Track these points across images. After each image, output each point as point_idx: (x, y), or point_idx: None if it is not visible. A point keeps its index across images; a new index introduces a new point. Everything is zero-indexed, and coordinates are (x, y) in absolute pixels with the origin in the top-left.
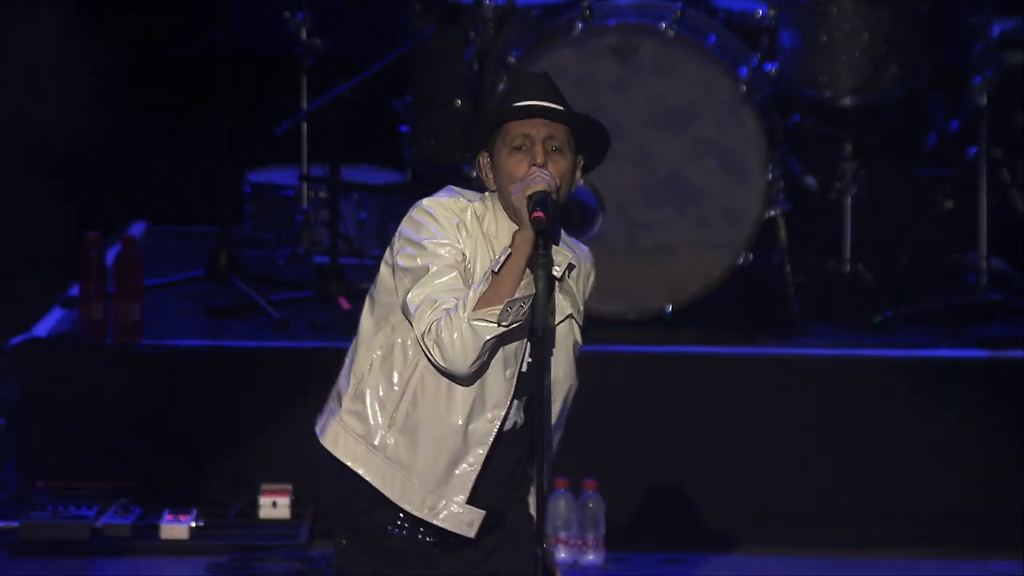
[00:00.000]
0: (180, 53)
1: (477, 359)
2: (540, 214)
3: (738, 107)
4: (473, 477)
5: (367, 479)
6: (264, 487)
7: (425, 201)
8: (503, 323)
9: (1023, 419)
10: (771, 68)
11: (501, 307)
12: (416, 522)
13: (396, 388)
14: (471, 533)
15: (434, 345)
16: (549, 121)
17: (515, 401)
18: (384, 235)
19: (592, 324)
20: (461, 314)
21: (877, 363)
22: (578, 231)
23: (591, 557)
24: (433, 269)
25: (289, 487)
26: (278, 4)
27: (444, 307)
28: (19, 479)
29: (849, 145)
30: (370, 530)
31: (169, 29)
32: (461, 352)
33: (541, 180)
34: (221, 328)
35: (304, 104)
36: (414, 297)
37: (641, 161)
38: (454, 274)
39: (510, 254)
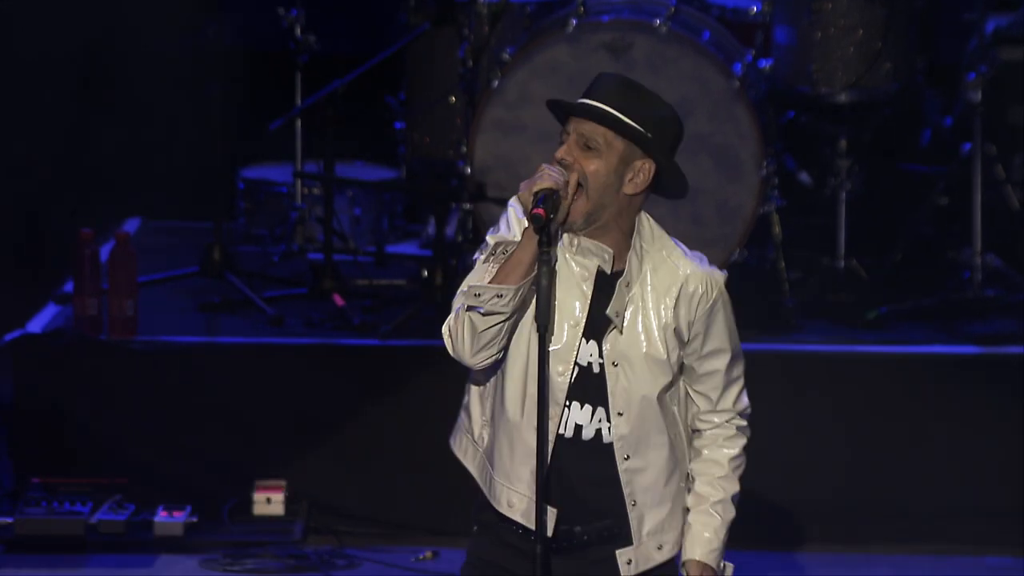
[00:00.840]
0: (174, 47)
1: (478, 349)
2: (539, 211)
3: (732, 104)
4: (520, 462)
5: (470, 471)
6: (258, 483)
7: (513, 198)
8: (480, 310)
9: (1018, 415)
10: (765, 64)
11: (484, 294)
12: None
13: (488, 385)
14: (547, 532)
15: (447, 337)
16: (589, 120)
17: (575, 403)
18: (378, 231)
19: None
20: (465, 303)
21: (871, 359)
22: None
23: None
24: (480, 259)
25: (283, 483)
26: (272, 0)
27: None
28: (13, 475)
29: (843, 141)
30: (490, 524)
31: (164, 24)
32: (460, 342)
33: (547, 177)
34: (215, 324)
35: (298, 100)
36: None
37: None
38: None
39: (516, 248)
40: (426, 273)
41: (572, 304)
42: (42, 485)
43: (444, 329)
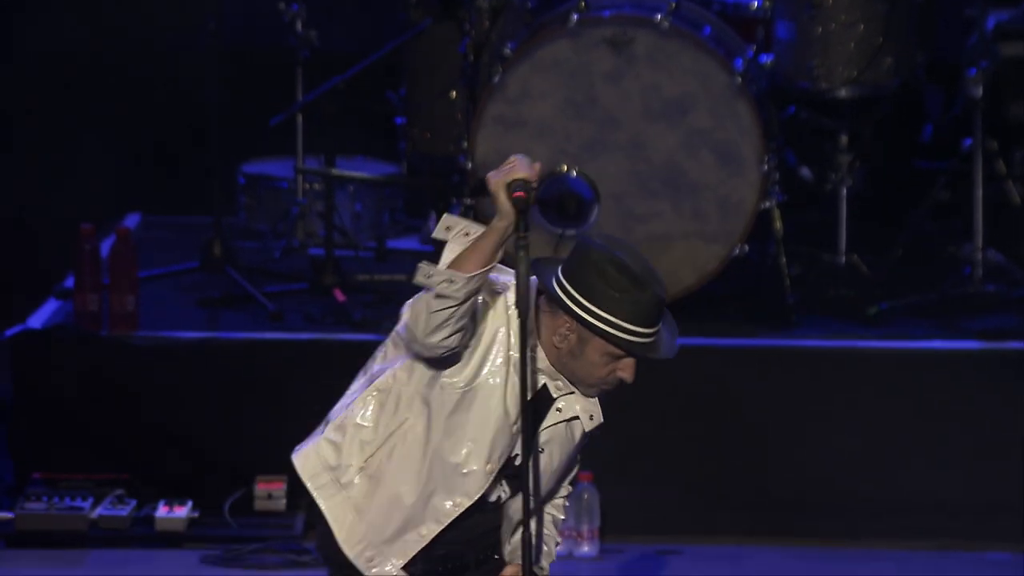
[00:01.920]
0: (174, 42)
1: (431, 330)
2: (521, 193)
3: (733, 99)
4: (418, 548)
5: (323, 511)
6: (259, 479)
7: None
8: (432, 286)
9: (1019, 411)
10: (766, 60)
11: (435, 277)
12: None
13: (379, 434)
14: None
15: (405, 315)
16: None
17: (500, 483)
18: (379, 227)
19: None
20: (425, 265)
21: (872, 355)
22: (574, 223)
23: (586, 548)
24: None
25: (284, 479)
26: None
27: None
28: (14, 470)
29: (844, 137)
30: (347, 563)
31: (163, 19)
32: (415, 321)
33: (520, 169)
34: (216, 319)
35: (299, 96)
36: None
37: (636, 153)
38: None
39: (481, 235)
40: None
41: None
42: (43, 480)
43: (404, 308)
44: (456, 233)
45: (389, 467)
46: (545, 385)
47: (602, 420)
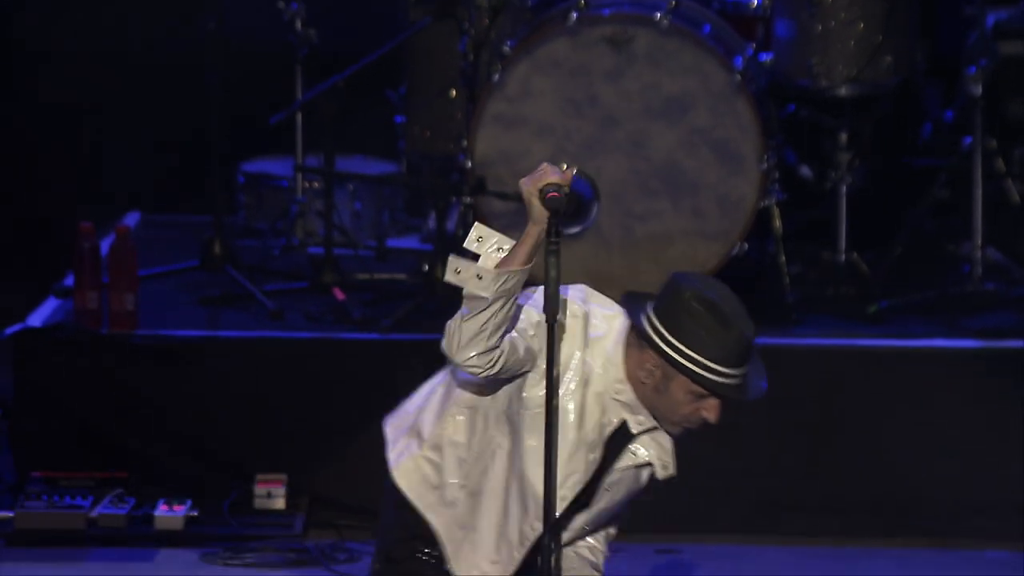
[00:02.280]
0: (174, 40)
1: (464, 343)
2: (555, 194)
3: (733, 97)
4: (508, 572)
5: (435, 528)
6: (259, 477)
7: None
8: (462, 283)
9: (1018, 410)
10: (766, 58)
11: (464, 272)
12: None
13: (473, 451)
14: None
15: (445, 335)
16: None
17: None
18: (378, 225)
19: None
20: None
21: (872, 353)
22: (573, 222)
23: None
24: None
25: (284, 477)
26: None
27: None
28: (14, 469)
29: (844, 135)
30: (403, 559)
31: (163, 17)
32: (450, 336)
33: (551, 174)
34: (215, 318)
35: (299, 94)
36: None
37: (636, 151)
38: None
39: (516, 244)
40: (427, 267)
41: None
42: (42, 479)
43: (447, 326)
44: (489, 248)
45: (485, 485)
46: (625, 422)
47: (674, 473)
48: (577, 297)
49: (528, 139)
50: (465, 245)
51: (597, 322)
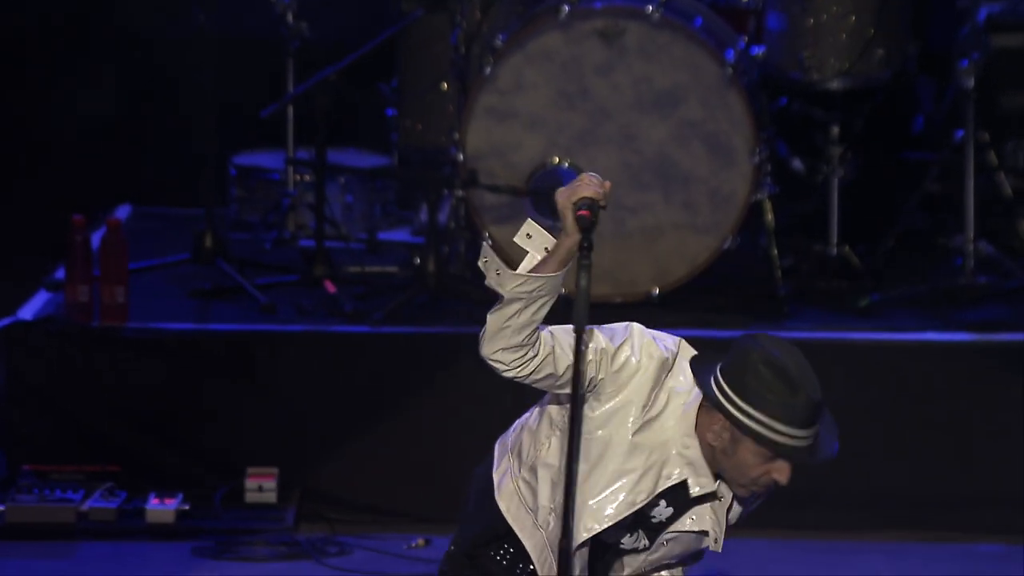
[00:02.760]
0: (165, 33)
1: (490, 337)
2: (585, 212)
3: (725, 90)
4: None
5: (528, 551)
6: (250, 471)
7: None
8: (486, 271)
9: (1010, 402)
10: (758, 51)
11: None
12: (523, 558)
13: (561, 475)
14: None
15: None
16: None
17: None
18: (370, 218)
19: None
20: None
21: (863, 346)
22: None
23: None
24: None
25: (275, 471)
26: None
27: None
28: (5, 463)
29: (836, 128)
30: (481, 555)
31: (154, 10)
32: (484, 327)
33: (588, 187)
34: (207, 311)
35: (290, 87)
36: None
37: (627, 144)
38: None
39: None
40: (418, 260)
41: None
42: (33, 472)
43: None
44: (535, 247)
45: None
46: (686, 480)
47: (720, 550)
48: (671, 345)
49: (520, 132)
50: (515, 239)
51: (682, 378)
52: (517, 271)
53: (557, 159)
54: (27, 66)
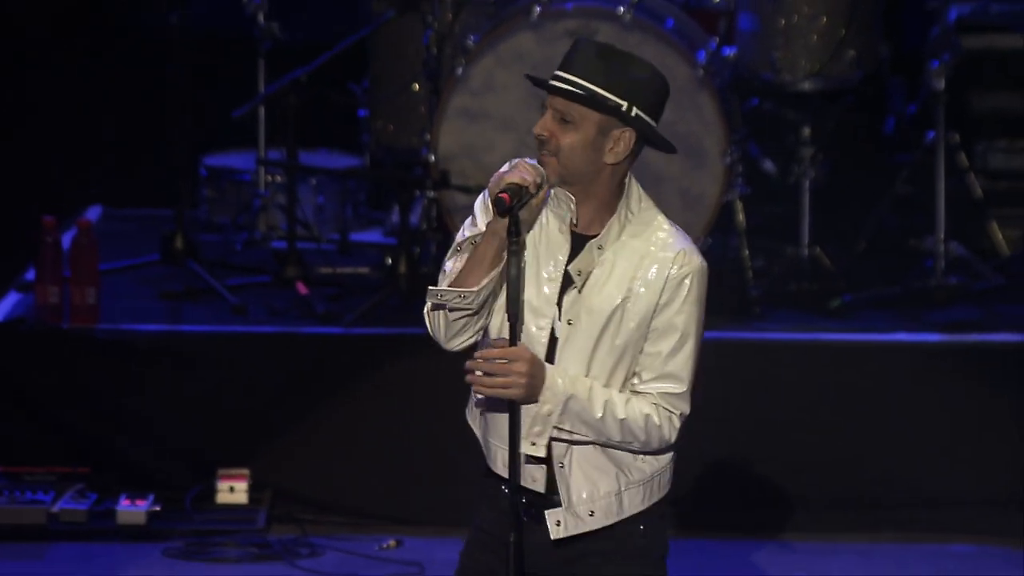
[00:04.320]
0: (136, 34)
1: (451, 336)
2: (504, 195)
3: (696, 91)
4: (504, 421)
5: (477, 437)
6: (221, 472)
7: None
8: (439, 305)
9: (980, 403)
10: (729, 52)
11: (445, 290)
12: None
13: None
14: (532, 484)
15: (427, 322)
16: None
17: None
18: (341, 219)
19: None
20: (433, 289)
21: (835, 347)
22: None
23: None
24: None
25: (246, 472)
26: None
27: None
28: None
29: (807, 129)
30: (487, 489)
31: (124, 8)
32: (436, 329)
33: (517, 172)
34: (177, 313)
35: (261, 88)
36: None
37: None
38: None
39: (481, 243)
40: (390, 261)
41: (550, 258)
42: (4, 474)
43: (424, 313)
44: (466, 244)
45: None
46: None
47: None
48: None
49: (491, 133)
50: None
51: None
52: (463, 283)
53: (528, 159)
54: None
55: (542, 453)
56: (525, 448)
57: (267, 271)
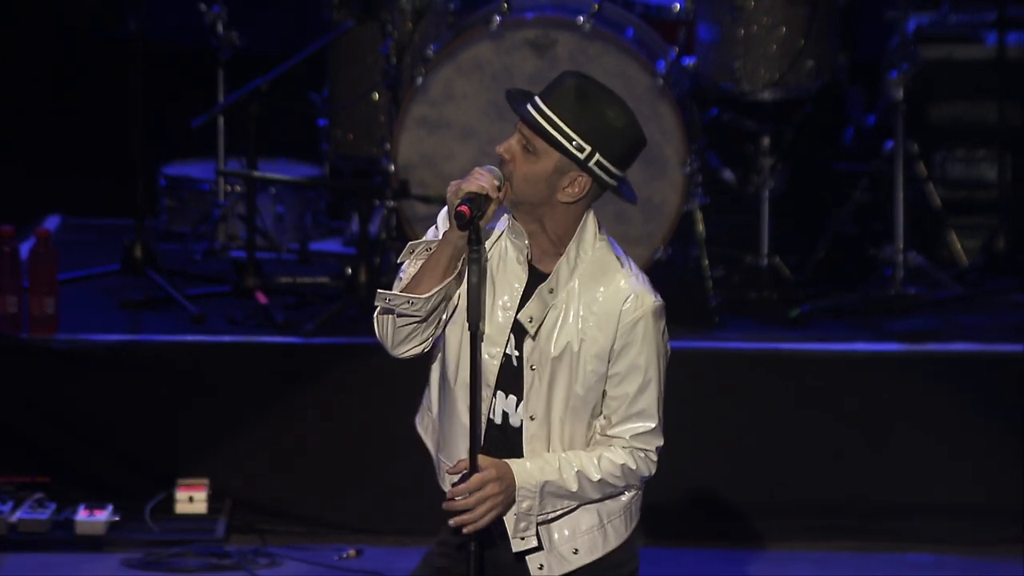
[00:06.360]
0: (95, 43)
1: (398, 343)
2: (463, 208)
3: (655, 101)
4: (458, 442)
5: (429, 449)
6: (180, 482)
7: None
8: (391, 309)
9: (938, 413)
10: (689, 62)
11: (394, 294)
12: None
13: (435, 367)
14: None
15: (375, 327)
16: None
17: (500, 392)
18: (301, 229)
19: None
20: (383, 292)
21: (794, 357)
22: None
23: None
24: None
25: (206, 481)
26: None
27: None
28: None
29: (767, 139)
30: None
31: (83, 17)
32: (383, 335)
33: (475, 181)
34: (137, 322)
35: (221, 97)
36: None
37: None
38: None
39: (436, 249)
40: (350, 271)
41: (507, 286)
42: None
43: (374, 318)
44: (420, 248)
45: (441, 387)
46: (534, 267)
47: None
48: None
49: (451, 142)
50: (399, 259)
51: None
52: (414, 289)
53: (485, 167)
54: None
55: (535, 543)
56: (516, 547)
57: (227, 281)
